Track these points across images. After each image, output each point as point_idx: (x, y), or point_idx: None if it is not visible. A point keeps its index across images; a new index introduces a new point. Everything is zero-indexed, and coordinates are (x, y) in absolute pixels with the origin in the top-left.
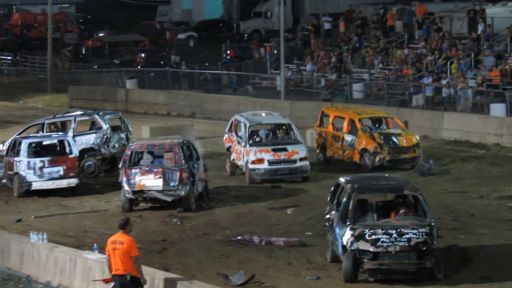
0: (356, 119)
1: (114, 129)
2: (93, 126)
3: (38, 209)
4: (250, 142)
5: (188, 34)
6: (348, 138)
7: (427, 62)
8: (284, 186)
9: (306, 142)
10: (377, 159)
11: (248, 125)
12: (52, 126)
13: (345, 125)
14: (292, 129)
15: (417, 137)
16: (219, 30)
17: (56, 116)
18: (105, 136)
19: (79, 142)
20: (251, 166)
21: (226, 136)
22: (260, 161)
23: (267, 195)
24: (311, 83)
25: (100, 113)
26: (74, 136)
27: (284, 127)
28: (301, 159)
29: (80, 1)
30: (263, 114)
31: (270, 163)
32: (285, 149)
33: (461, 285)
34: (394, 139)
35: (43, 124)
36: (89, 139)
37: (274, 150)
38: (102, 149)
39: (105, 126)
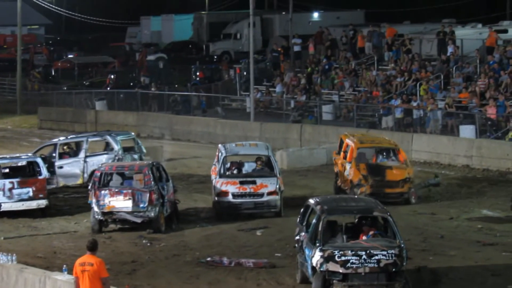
0: (355, 148)
1: (128, 150)
2: (107, 147)
3: (7, 230)
4: (222, 173)
5: (157, 55)
6: (348, 167)
7: (397, 83)
8: None
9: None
10: (358, 191)
11: (223, 155)
12: (65, 147)
13: (349, 154)
14: (271, 161)
15: (410, 172)
16: (189, 52)
17: (69, 137)
18: (116, 157)
19: (91, 163)
20: (216, 198)
21: (213, 167)
22: (225, 193)
23: (237, 217)
24: (281, 104)
25: (112, 134)
26: (86, 157)
27: (262, 159)
28: (270, 193)
29: (49, 23)
30: (247, 145)
31: (234, 196)
32: (253, 182)
33: None
34: (383, 171)
35: (56, 145)
36: (101, 160)
37: (242, 183)
38: None
39: (116, 147)
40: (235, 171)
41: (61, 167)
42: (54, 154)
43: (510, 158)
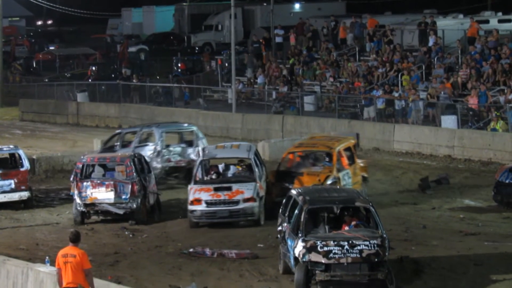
0: (286, 152)
1: (188, 143)
2: (181, 140)
3: None
4: (196, 179)
5: (139, 47)
6: None
7: (378, 74)
8: None
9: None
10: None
11: (200, 159)
12: (126, 137)
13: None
14: (251, 165)
15: (324, 177)
16: (170, 43)
17: (130, 128)
18: (157, 150)
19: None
20: (189, 207)
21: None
22: (198, 201)
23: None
24: (263, 95)
25: (160, 125)
26: (135, 147)
27: (244, 162)
28: (246, 200)
29: (30, 15)
30: (228, 146)
31: (207, 204)
32: (229, 188)
33: None
34: (292, 178)
35: (120, 134)
36: (144, 151)
37: (216, 189)
38: (154, 162)
39: (157, 139)
40: (213, 176)
41: None
42: (117, 144)
43: (491, 148)
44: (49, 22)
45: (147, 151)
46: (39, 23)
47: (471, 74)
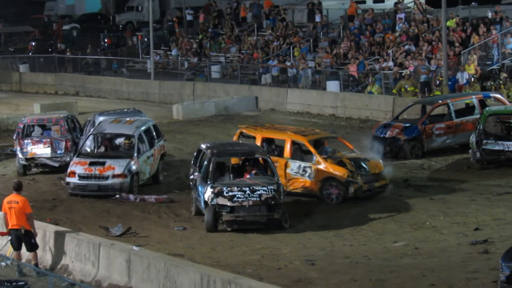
0: (306, 142)
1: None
2: None
3: None
4: (79, 152)
5: (71, 25)
6: (294, 164)
7: (274, 47)
8: None
9: (173, 116)
10: (351, 189)
11: (89, 133)
12: None
13: (287, 148)
14: (134, 142)
15: (381, 162)
16: (98, 22)
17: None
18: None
19: None
20: (66, 179)
21: None
22: (73, 174)
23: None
24: (176, 65)
25: (102, 113)
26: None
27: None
28: (115, 176)
29: None
30: (123, 121)
31: (80, 177)
32: (102, 163)
33: (304, 233)
34: (364, 165)
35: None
36: None
37: (91, 164)
38: None
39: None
40: (102, 149)
41: None
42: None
43: (368, 108)
44: None
45: None
46: None
47: (351, 46)
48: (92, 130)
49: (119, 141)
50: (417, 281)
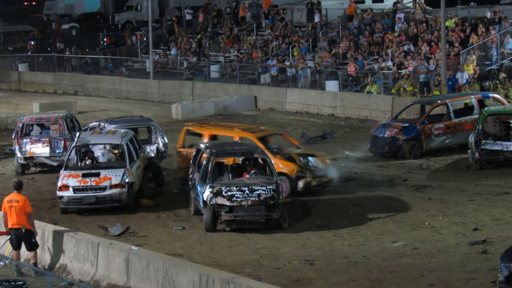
0: (254, 138)
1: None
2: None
3: None
4: (67, 165)
5: (71, 25)
6: None
7: (273, 46)
8: None
9: (172, 115)
10: (300, 184)
11: (73, 145)
12: None
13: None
14: (123, 151)
15: (327, 158)
16: (97, 21)
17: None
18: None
19: None
20: (58, 193)
21: None
22: (66, 188)
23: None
24: (175, 65)
25: (112, 121)
26: None
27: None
28: (113, 186)
29: None
30: (104, 132)
31: (74, 190)
32: (97, 174)
33: (303, 232)
34: (312, 160)
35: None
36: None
37: (84, 175)
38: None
39: None
40: (88, 162)
41: None
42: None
43: (367, 108)
44: None
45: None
46: None
47: (350, 46)
48: (74, 142)
49: (99, 152)
50: (416, 281)
